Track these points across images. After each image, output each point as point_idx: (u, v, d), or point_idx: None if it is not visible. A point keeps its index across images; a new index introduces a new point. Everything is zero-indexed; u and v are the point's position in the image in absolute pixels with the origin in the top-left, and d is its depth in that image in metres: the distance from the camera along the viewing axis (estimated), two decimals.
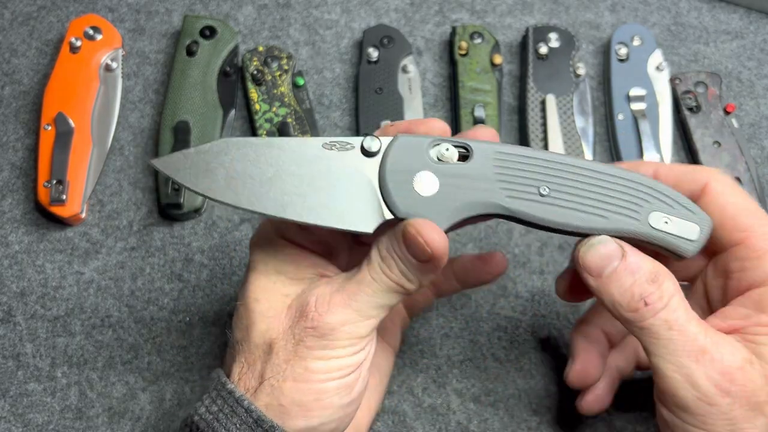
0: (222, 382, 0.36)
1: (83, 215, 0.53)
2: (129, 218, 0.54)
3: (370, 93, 0.57)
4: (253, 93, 0.56)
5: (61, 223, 0.54)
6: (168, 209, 0.53)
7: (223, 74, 0.57)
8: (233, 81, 0.58)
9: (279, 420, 0.34)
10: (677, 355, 0.33)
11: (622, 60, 0.58)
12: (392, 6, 0.62)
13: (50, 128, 0.54)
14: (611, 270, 0.35)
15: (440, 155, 0.35)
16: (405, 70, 0.58)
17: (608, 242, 0.35)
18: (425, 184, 0.35)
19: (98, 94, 0.56)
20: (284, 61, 0.57)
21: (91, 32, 0.57)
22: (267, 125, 0.55)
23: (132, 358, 0.49)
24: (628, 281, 0.34)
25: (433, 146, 0.35)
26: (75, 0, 0.62)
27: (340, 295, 0.35)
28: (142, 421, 0.48)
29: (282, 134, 0.55)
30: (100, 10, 0.62)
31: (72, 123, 0.54)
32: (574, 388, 0.43)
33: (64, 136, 0.54)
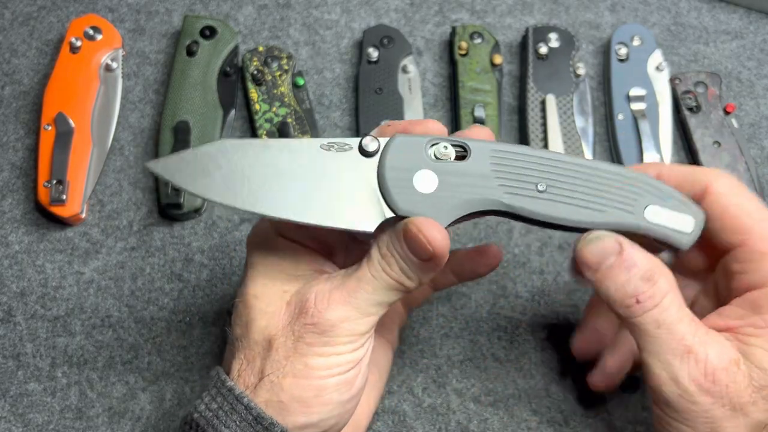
0: (221, 380, 0.36)
1: (83, 215, 0.54)
2: (129, 218, 0.54)
3: (370, 93, 0.57)
4: (253, 93, 0.56)
5: (61, 223, 0.54)
6: (168, 209, 0.53)
7: (223, 74, 0.57)
8: (233, 81, 0.58)
9: (279, 416, 0.34)
10: (663, 353, 0.34)
11: (622, 60, 0.58)
12: (392, 6, 0.62)
13: (50, 128, 0.54)
14: (607, 265, 0.35)
15: (438, 154, 0.36)
16: (405, 70, 0.58)
17: (606, 238, 0.35)
18: (424, 182, 0.35)
19: (98, 94, 0.56)
20: (284, 61, 0.57)
21: (91, 32, 0.58)
22: (267, 125, 0.55)
23: (132, 358, 0.49)
24: (623, 277, 0.35)
25: (431, 145, 0.36)
26: (75, 0, 0.62)
27: (340, 292, 0.35)
28: (142, 421, 0.48)
29: (282, 134, 0.55)
30: (100, 10, 0.62)
31: (72, 123, 0.54)
32: (578, 359, 0.45)
33: (64, 136, 0.54)
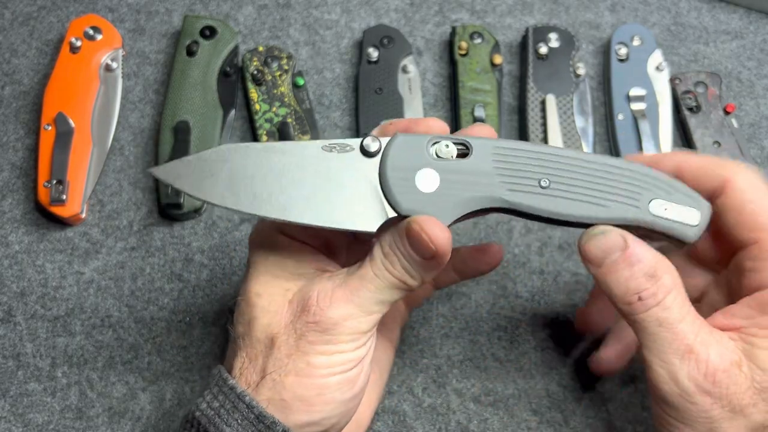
0: (223, 378, 0.36)
1: (83, 215, 0.54)
2: (129, 218, 0.54)
3: (370, 93, 0.57)
4: (253, 93, 0.56)
5: (61, 223, 0.54)
6: (168, 209, 0.53)
7: (223, 74, 0.57)
8: (233, 81, 0.58)
9: (281, 414, 0.34)
10: (664, 351, 0.34)
11: (622, 60, 0.58)
12: (392, 6, 0.62)
13: (50, 128, 0.54)
14: (611, 261, 0.35)
15: (440, 152, 0.36)
16: (405, 70, 0.58)
17: (610, 233, 0.35)
18: (426, 181, 0.35)
19: (98, 94, 0.56)
20: (284, 61, 0.57)
21: (91, 32, 0.58)
22: (267, 125, 0.55)
23: (132, 358, 0.49)
24: (626, 274, 0.35)
25: (433, 144, 0.36)
26: (75, 0, 0.62)
27: (342, 290, 0.35)
28: (142, 421, 0.48)
29: (282, 134, 0.55)
30: (100, 10, 0.62)
31: (72, 123, 0.54)
32: (580, 332, 0.45)
33: (64, 136, 0.54)
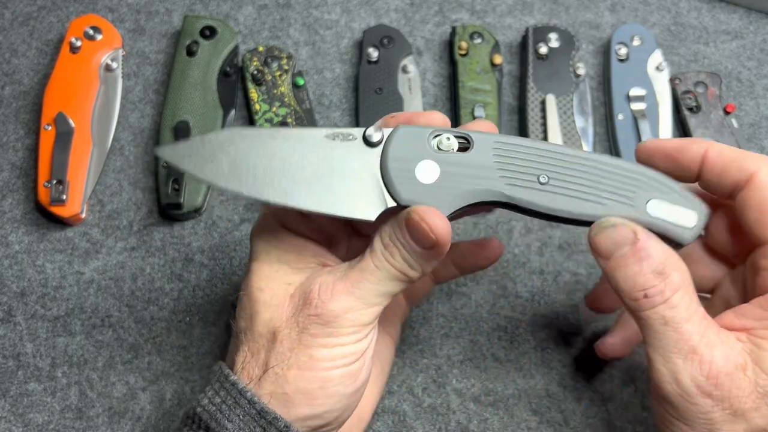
0: (225, 374, 0.36)
1: (83, 215, 0.54)
2: (129, 218, 0.54)
3: (370, 93, 0.57)
4: (253, 93, 0.56)
5: (61, 223, 0.54)
6: (168, 209, 0.53)
7: (223, 74, 0.57)
8: (233, 81, 0.58)
9: (283, 408, 0.34)
10: (667, 350, 0.34)
11: (622, 60, 0.58)
12: (392, 6, 0.62)
13: (50, 128, 0.54)
14: (620, 254, 0.34)
15: (441, 145, 0.36)
16: (405, 70, 0.58)
17: (621, 226, 0.35)
18: (426, 172, 0.35)
19: (98, 94, 0.56)
20: (284, 61, 0.57)
21: (91, 32, 0.58)
22: (267, 125, 0.55)
23: (132, 358, 0.49)
24: (634, 269, 0.34)
25: (434, 136, 0.36)
26: (75, 0, 0.62)
27: (344, 283, 0.35)
28: (143, 421, 0.48)
29: None
30: (100, 10, 0.62)
31: (72, 123, 0.54)
32: (591, 310, 0.45)
33: (64, 136, 0.54)
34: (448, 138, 0.36)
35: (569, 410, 0.47)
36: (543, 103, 0.56)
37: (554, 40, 0.58)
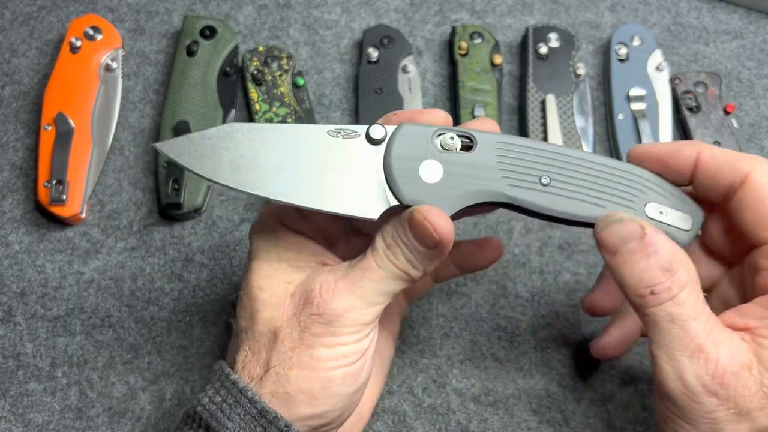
0: (225, 373, 0.36)
1: (83, 215, 0.53)
2: (129, 218, 0.54)
3: (370, 93, 0.57)
4: (253, 93, 0.56)
5: (61, 223, 0.54)
6: (168, 209, 0.53)
7: (223, 74, 0.57)
8: (233, 81, 0.58)
9: (285, 408, 0.34)
10: (673, 348, 0.33)
11: (622, 60, 0.58)
12: (392, 6, 0.62)
13: (50, 128, 0.54)
14: (626, 250, 0.34)
15: (444, 144, 0.36)
16: (405, 70, 0.58)
17: (629, 221, 0.35)
18: (430, 172, 0.35)
19: (98, 94, 0.56)
20: (284, 61, 0.57)
21: (91, 32, 0.57)
22: None
23: (132, 358, 0.49)
24: (641, 265, 0.34)
25: (438, 135, 0.36)
26: (75, 0, 0.62)
27: (345, 282, 0.35)
28: (143, 421, 0.48)
29: None
30: (100, 10, 0.62)
31: (72, 123, 0.54)
32: (586, 312, 0.44)
33: (64, 136, 0.54)
34: (452, 138, 0.36)
35: (569, 410, 0.47)
36: (543, 103, 0.56)
37: (554, 40, 0.58)
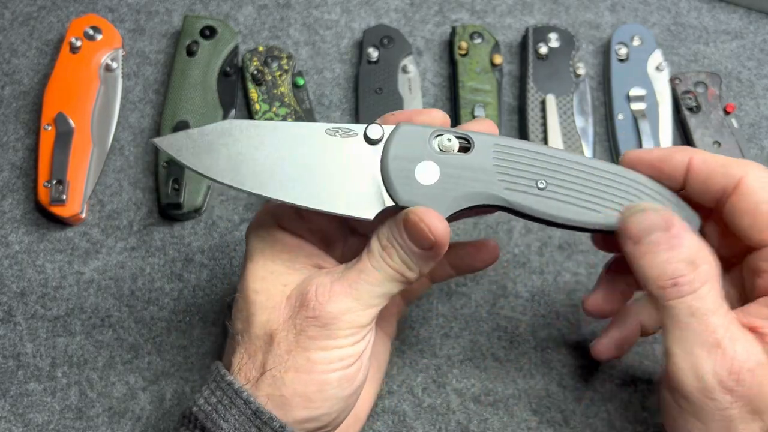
0: (221, 374, 0.36)
1: (83, 215, 0.54)
2: (129, 218, 0.54)
3: (370, 93, 0.57)
4: (253, 93, 0.56)
5: (61, 223, 0.54)
6: (168, 209, 0.53)
7: (223, 74, 0.57)
8: (233, 81, 0.58)
9: (280, 411, 0.34)
10: (690, 343, 0.33)
11: (622, 60, 0.58)
12: (392, 6, 0.62)
13: (50, 128, 0.54)
14: (650, 240, 0.34)
15: (441, 145, 0.36)
16: (405, 70, 0.58)
17: (655, 211, 0.34)
18: (426, 173, 0.35)
19: (98, 94, 0.56)
20: (284, 61, 0.57)
21: (91, 32, 0.58)
22: None
23: (132, 358, 0.49)
24: (664, 256, 0.33)
25: (435, 137, 0.36)
26: (75, 0, 0.62)
27: (341, 284, 0.35)
28: (143, 421, 0.48)
29: None
30: (100, 10, 0.62)
31: (72, 123, 0.54)
32: (588, 315, 0.43)
33: (64, 136, 0.54)
34: (449, 139, 0.36)
35: (569, 410, 0.47)
36: (543, 103, 0.56)
37: (554, 40, 0.58)
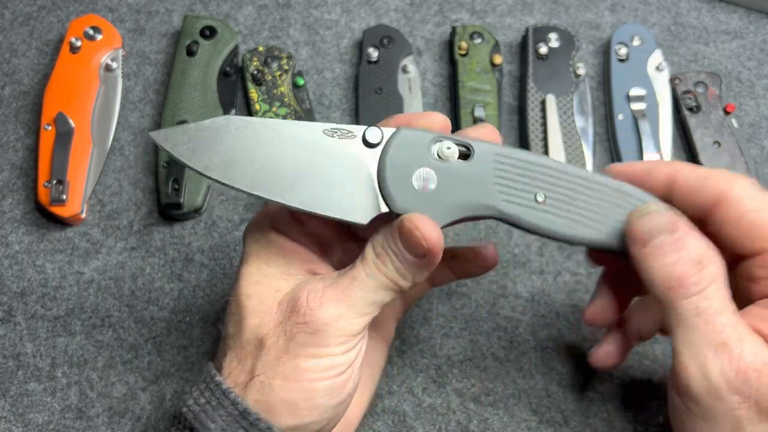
0: (211, 375, 0.35)
1: (83, 215, 0.54)
2: (129, 218, 0.54)
3: (370, 93, 0.57)
4: (253, 93, 0.56)
5: (61, 223, 0.54)
6: (168, 209, 0.53)
7: (223, 74, 0.57)
8: (233, 81, 0.58)
9: (267, 417, 0.34)
10: (698, 344, 0.33)
11: (622, 60, 0.58)
12: (392, 6, 0.62)
13: (50, 128, 0.54)
14: (657, 242, 0.34)
15: (441, 153, 0.35)
16: (405, 70, 0.58)
17: (661, 213, 0.34)
18: (424, 181, 0.35)
19: (98, 94, 0.56)
20: (284, 61, 0.57)
21: (91, 32, 0.58)
22: None
23: (132, 358, 0.49)
24: (671, 258, 0.33)
25: (435, 143, 0.35)
26: (75, 0, 0.62)
27: (333, 291, 0.35)
28: (143, 421, 0.48)
29: None
30: (100, 10, 0.62)
31: (72, 123, 0.54)
32: (589, 326, 0.42)
33: (64, 136, 0.54)
34: (449, 147, 0.35)
35: (569, 410, 0.47)
36: (543, 103, 0.56)
37: (554, 40, 0.58)
